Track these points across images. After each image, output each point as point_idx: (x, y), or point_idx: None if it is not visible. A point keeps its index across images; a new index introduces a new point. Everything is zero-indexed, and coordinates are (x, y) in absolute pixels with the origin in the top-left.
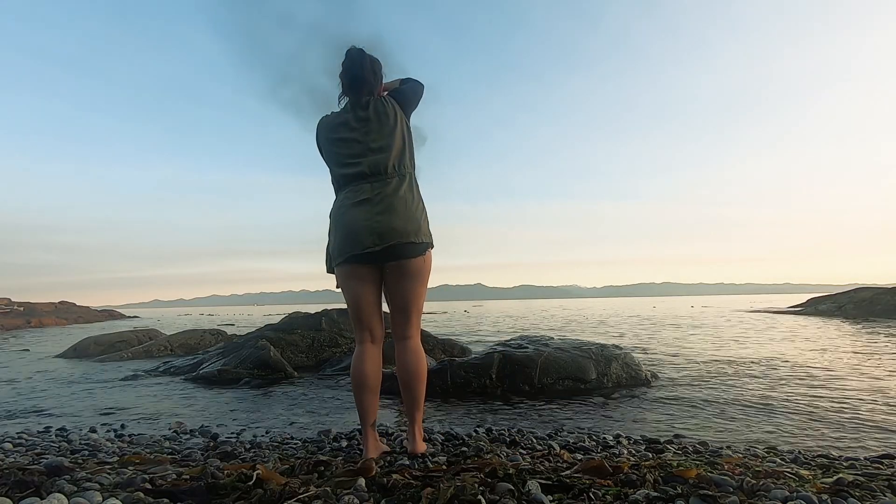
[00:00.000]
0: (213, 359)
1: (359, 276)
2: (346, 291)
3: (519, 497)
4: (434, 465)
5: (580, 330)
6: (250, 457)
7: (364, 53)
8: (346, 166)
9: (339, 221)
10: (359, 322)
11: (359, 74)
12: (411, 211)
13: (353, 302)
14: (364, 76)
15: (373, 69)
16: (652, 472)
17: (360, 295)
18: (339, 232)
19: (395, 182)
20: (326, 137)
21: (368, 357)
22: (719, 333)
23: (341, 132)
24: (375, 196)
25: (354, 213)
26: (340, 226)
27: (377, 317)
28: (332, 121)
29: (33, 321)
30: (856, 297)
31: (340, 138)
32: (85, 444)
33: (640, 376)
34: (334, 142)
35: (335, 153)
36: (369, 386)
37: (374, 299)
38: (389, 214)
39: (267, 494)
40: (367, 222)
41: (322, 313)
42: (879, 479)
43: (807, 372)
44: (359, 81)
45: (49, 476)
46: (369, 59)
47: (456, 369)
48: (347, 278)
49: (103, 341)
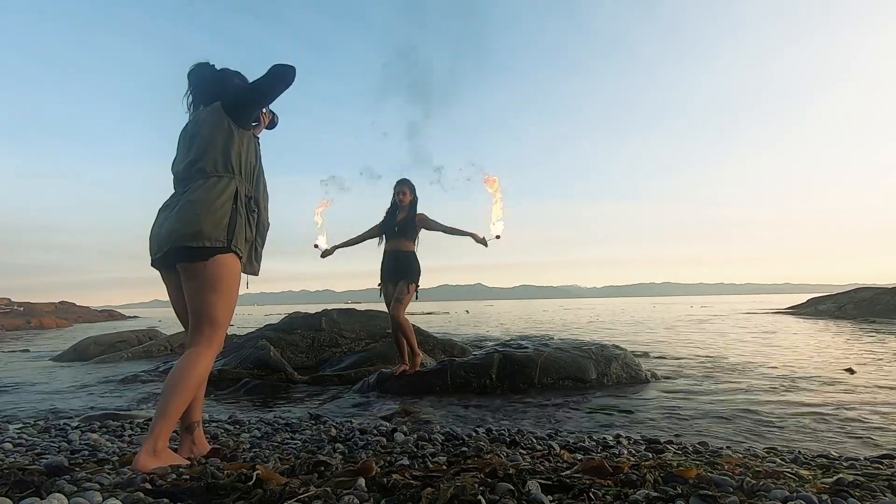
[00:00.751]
0: None
1: (165, 279)
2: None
3: (519, 497)
4: (434, 465)
5: (580, 330)
6: (250, 457)
7: (204, 68)
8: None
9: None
10: (182, 324)
11: (196, 86)
12: (197, 214)
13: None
14: (201, 87)
15: (214, 80)
16: (652, 472)
17: (172, 298)
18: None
19: (195, 185)
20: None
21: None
22: (719, 334)
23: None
24: (173, 202)
25: (156, 220)
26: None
27: (186, 318)
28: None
29: (33, 321)
30: (856, 297)
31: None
32: (85, 444)
33: (641, 376)
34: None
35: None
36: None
37: (180, 298)
38: (170, 220)
39: (267, 494)
40: (157, 229)
41: (322, 313)
42: (879, 479)
43: (807, 372)
44: (196, 93)
45: (49, 476)
46: (210, 71)
47: (456, 369)
48: (162, 281)
49: (103, 341)
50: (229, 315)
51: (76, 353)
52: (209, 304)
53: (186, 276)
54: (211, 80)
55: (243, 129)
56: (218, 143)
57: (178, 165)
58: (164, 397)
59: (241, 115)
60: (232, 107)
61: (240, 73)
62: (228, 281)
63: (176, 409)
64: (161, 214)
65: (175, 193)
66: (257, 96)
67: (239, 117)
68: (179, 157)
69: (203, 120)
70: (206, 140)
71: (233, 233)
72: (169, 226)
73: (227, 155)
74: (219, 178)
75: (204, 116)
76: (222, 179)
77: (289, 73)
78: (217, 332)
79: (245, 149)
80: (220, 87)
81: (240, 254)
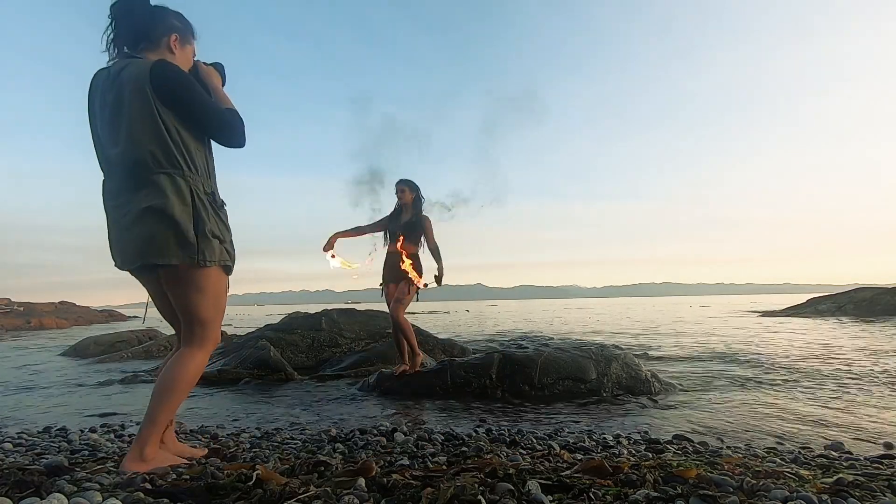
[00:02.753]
0: (212, 359)
1: (143, 283)
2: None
3: (519, 497)
4: (434, 465)
5: (580, 330)
6: (250, 457)
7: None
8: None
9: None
10: (171, 325)
11: (121, 19)
12: (161, 230)
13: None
14: (127, 23)
15: (145, 17)
16: (652, 472)
17: (155, 302)
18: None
19: (143, 188)
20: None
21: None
22: (719, 334)
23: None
24: (122, 202)
25: (109, 222)
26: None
27: (174, 320)
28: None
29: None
30: (856, 297)
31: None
32: (85, 444)
33: (641, 376)
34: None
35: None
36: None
37: (164, 302)
38: (131, 234)
39: (267, 494)
40: (116, 239)
41: (322, 313)
42: (879, 479)
43: (807, 372)
44: (119, 28)
45: (49, 476)
46: (141, 5)
47: (456, 369)
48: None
49: (103, 341)
50: (220, 312)
51: (76, 352)
52: (196, 306)
53: (168, 283)
54: (141, 15)
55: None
56: (148, 129)
57: (108, 148)
58: (154, 401)
59: (178, 112)
60: (166, 97)
61: (180, 14)
62: (213, 280)
63: (165, 414)
64: (113, 215)
65: (118, 189)
66: (211, 122)
67: (176, 113)
68: (107, 136)
69: (128, 98)
70: (136, 123)
71: (204, 241)
72: (132, 243)
73: (168, 148)
74: (168, 176)
75: (128, 93)
76: (172, 177)
77: (235, 138)
78: (208, 331)
79: (184, 134)
80: (151, 27)
81: (215, 261)
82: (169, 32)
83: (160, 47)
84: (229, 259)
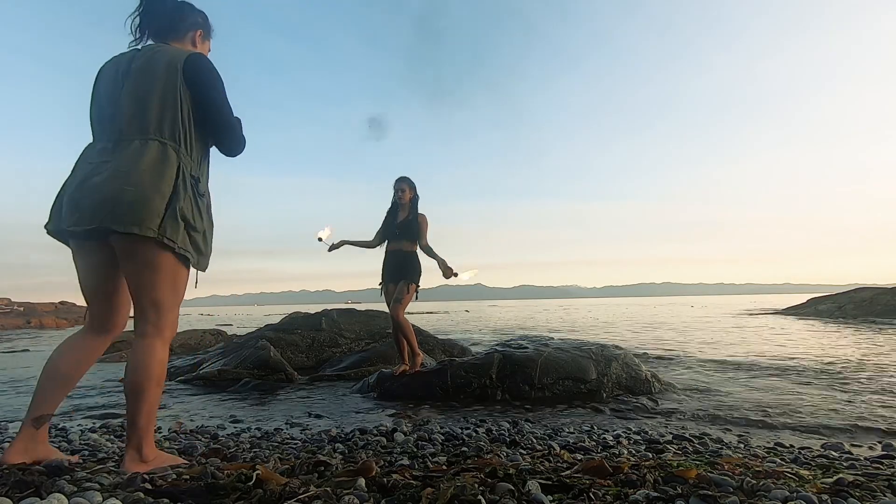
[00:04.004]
0: (212, 359)
1: (78, 251)
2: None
3: (519, 497)
4: (434, 465)
5: (580, 330)
6: (250, 457)
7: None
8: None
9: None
10: (91, 305)
11: (148, 9)
12: (144, 191)
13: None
14: (155, 13)
15: (173, 8)
16: (652, 473)
17: (82, 273)
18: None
19: (132, 147)
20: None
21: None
22: (719, 334)
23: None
24: (101, 159)
25: (74, 178)
26: None
27: (96, 300)
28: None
29: (33, 321)
30: (856, 297)
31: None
32: (85, 444)
33: (641, 376)
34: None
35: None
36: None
37: (96, 277)
38: (105, 188)
39: (267, 494)
40: (80, 192)
41: (322, 313)
42: (879, 479)
43: (806, 372)
44: (146, 17)
45: (49, 476)
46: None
47: (456, 369)
48: (72, 251)
49: None
50: (177, 299)
51: None
52: (152, 285)
53: (123, 256)
54: (171, 8)
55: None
56: (165, 99)
57: (111, 109)
58: (131, 405)
59: (200, 101)
60: (193, 86)
61: (203, 11)
62: (170, 263)
63: (147, 414)
64: (83, 171)
65: (103, 148)
66: (222, 126)
67: (196, 103)
68: (115, 99)
69: (158, 72)
70: (156, 90)
71: (170, 219)
72: (92, 200)
73: (176, 121)
74: (161, 144)
75: (161, 70)
76: (167, 147)
77: (238, 147)
78: (164, 316)
79: (193, 123)
80: (179, 19)
81: (175, 245)
82: (194, 28)
83: (185, 41)
84: (191, 251)
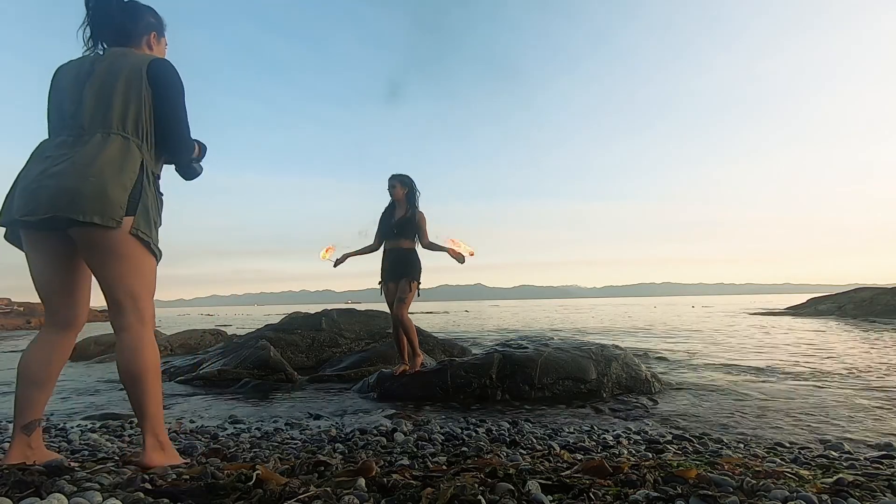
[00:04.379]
0: (212, 359)
1: (33, 243)
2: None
3: (519, 497)
4: (434, 465)
5: (580, 330)
6: (250, 457)
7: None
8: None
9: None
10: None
11: (97, 15)
12: (104, 177)
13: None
14: (105, 19)
15: (122, 11)
16: (652, 473)
17: (37, 268)
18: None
19: (92, 139)
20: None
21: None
22: (719, 334)
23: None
24: (60, 153)
25: (29, 169)
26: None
27: (53, 295)
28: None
29: (33, 321)
30: (856, 297)
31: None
32: (85, 444)
33: (641, 376)
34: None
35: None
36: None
37: (51, 271)
38: (63, 177)
39: (267, 494)
40: (36, 182)
41: (322, 313)
42: (879, 479)
43: (806, 372)
44: (96, 24)
45: (49, 476)
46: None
47: (456, 369)
48: (23, 245)
49: (103, 341)
50: (150, 289)
51: (76, 353)
52: (124, 276)
53: (85, 249)
54: (119, 13)
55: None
56: (128, 97)
57: (72, 106)
58: (136, 395)
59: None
60: (157, 89)
61: (153, 9)
62: (138, 252)
63: (154, 399)
64: (39, 164)
65: (63, 142)
66: (178, 136)
67: (156, 106)
68: (77, 97)
69: (122, 72)
70: (120, 88)
71: (140, 211)
72: (50, 190)
73: (139, 118)
74: (124, 138)
75: (125, 70)
76: (129, 142)
77: (186, 162)
78: (141, 302)
79: (152, 123)
80: (131, 24)
81: (148, 237)
82: (148, 31)
83: (140, 45)
84: (157, 243)
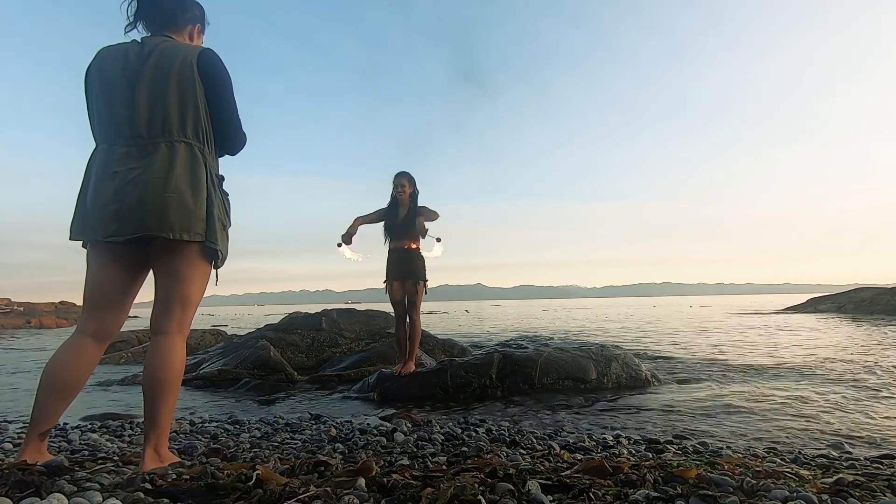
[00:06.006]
0: (212, 359)
1: (103, 255)
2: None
3: (519, 497)
4: (434, 465)
5: (580, 330)
6: (250, 457)
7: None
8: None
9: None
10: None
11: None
12: (184, 197)
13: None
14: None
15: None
16: (652, 473)
17: (100, 278)
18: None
19: (161, 151)
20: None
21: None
22: (719, 334)
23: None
24: (129, 167)
25: (101, 186)
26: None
27: (109, 306)
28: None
29: (33, 321)
30: (856, 297)
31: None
32: (85, 444)
33: (641, 376)
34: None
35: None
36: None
37: (115, 283)
38: (145, 194)
39: (267, 494)
40: (117, 201)
41: (322, 313)
42: (879, 479)
43: (806, 372)
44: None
45: (49, 476)
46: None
47: (456, 369)
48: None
49: None
50: (201, 296)
51: None
52: (186, 285)
53: (165, 258)
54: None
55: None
56: (186, 98)
57: (125, 111)
58: (153, 403)
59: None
60: (209, 83)
61: (200, 4)
62: (206, 264)
63: (168, 412)
64: (109, 182)
65: (126, 154)
66: (234, 125)
67: (209, 101)
68: (129, 101)
69: (173, 69)
70: (175, 90)
71: (213, 223)
72: (136, 210)
73: (198, 120)
74: (188, 146)
75: (176, 67)
76: (193, 149)
77: (241, 145)
78: (188, 312)
79: (210, 120)
80: (181, 11)
81: (218, 248)
82: (193, 22)
83: (182, 34)
84: (224, 252)
